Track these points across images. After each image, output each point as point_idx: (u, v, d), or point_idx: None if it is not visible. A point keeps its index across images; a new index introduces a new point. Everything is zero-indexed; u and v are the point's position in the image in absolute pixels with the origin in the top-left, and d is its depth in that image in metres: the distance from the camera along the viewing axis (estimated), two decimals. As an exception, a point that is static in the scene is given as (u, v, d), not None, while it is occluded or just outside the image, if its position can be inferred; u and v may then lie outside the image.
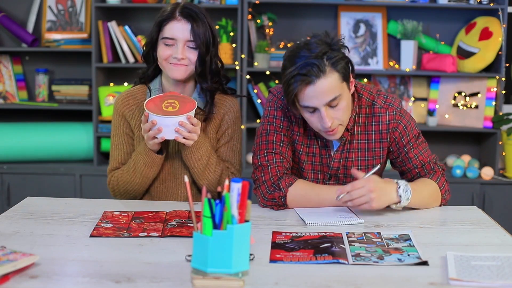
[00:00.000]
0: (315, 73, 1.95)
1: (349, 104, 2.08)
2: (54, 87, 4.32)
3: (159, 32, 2.20)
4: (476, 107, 4.15)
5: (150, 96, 2.27)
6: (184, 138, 2.12)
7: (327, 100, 1.99)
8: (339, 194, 2.00)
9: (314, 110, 2.01)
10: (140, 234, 1.83)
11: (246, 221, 1.50)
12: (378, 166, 2.11)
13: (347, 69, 2.02)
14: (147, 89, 2.30)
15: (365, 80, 4.27)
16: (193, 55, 2.18)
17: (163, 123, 2.09)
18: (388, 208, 2.11)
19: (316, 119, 2.04)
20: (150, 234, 1.83)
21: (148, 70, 2.29)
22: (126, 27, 4.15)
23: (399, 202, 2.02)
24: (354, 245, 1.75)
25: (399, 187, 2.02)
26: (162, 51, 2.18)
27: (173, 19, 2.17)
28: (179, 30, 2.16)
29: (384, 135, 2.18)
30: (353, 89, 2.11)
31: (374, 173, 2.07)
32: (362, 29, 4.26)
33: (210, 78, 2.23)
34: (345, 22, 4.24)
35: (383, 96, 2.19)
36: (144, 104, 2.12)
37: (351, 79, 2.07)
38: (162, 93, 2.26)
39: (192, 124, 2.11)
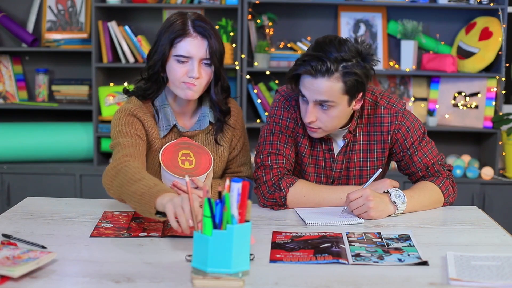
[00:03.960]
0: (321, 71, 1.94)
1: (342, 117, 2.06)
2: (54, 87, 4.31)
3: (171, 49, 2.05)
4: (476, 107, 4.15)
5: (157, 116, 2.14)
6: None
7: (317, 99, 1.99)
8: (342, 211, 2.03)
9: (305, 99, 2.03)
10: (140, 234, 1.84)
11: (246, 221, 1.50)
12: (380, 170, 2.11)
13: (356, 87, 1.99)
14: (152, 106, 2.15)
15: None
16: (206, 73, 2.06)
17: (167, 175, 2.04)
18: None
19: (303, 109, 2.05)
20: (150, 234, 1.83)
21: (151, 87, 2.12)
22: (126, 27, 4.15)
23: (397, 208, 2.03)
24: (354, 245, 1.75)
25: (390, 194, 2.03)
26: (176, 70, 2.04)
27: (188, 35, 2.02)
28: (194, 47, 2.02)
29: (385, 136, 2.17)
30: (357, 107, 2.08)
31: (375, 178, 2.08)
32: (362, 29, 4.26)
33: (221, 93, 2.15)
34: (345, 22, 4.24)
35: (386, 97, 2.18)
36: (160, 156, 2.03)
37: (358, 97, 2.04)
38: (169, 108, 2.13)
39: (197, 186, 1.99)
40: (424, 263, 1.62)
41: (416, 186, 2.16)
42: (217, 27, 4.21)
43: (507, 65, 4.17)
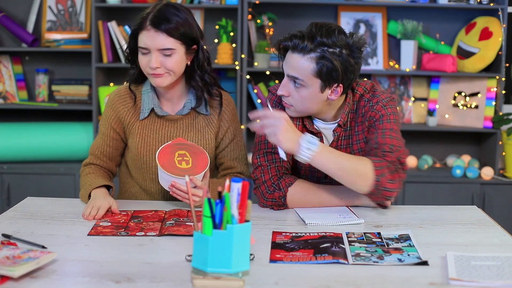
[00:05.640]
0: (297, 47, 2.00)
1: (312, 100, 2.04)
2: (54, 87, 4.31)
3: (137, 40, 2.18)
4: (476, 107, 4.14)
5: (146, 99, 2.25)
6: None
7: (290, 74, 2.04)
8: (253, 117, 1.97)
9: None
10: (137, 234, 1.84)
11: (246, 221, 1.50)
12: None
13: (330, 74, 1.99)
14: (141, 91, 2.29)
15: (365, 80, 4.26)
16: (170, 63, 2.14)
17: (164, 176, 2.06)
18: (387, 208, 2.11)
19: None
20: (147, 234, 1.84)
21: (136, 73, 2.27)
22: (126, 27, 4.15)
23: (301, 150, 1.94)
24: (354, 245, 1.75)
25: (303, 137, 1.94)
26: (140, 60, 2.18)
27: (144, 28, 2.14)
28: (149, 40, 2.13)
29: (364, 125, 2.14)
30: (334, 98, 2.05)
31: None
32: (362, 29, 4.26)
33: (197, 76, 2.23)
34: (345, 22, 4.24)
35: (373, 91, 2.16)
36: (157, 158, 2.07)
37: (334, 87, 2.03)
38: (154, 93, 2.25)
39: (195, 185, 2.03)
40: (424, 263, 1.62)
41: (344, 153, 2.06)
42: (217, 27, 4.22)
43: (507, 65, 4.17)
